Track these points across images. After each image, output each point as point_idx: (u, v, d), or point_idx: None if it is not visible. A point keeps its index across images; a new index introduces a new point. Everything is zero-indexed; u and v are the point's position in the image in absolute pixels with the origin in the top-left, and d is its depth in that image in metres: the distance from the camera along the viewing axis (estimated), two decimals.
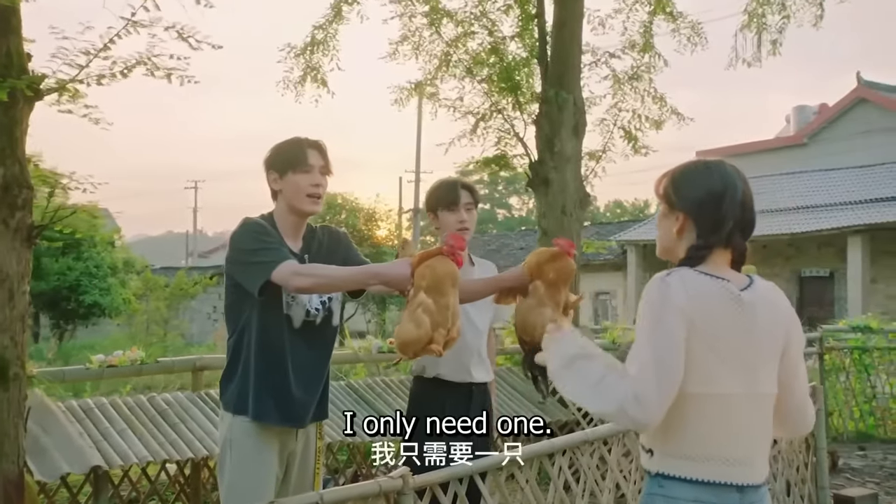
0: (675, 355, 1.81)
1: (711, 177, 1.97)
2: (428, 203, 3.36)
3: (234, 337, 2.69)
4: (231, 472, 2.64)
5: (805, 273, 21.55)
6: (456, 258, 2.44)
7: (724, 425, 1.88)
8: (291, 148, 2.74)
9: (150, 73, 4.50)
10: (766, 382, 1.93)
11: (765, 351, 1.92)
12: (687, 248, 1.96)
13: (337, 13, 7.46)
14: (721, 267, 1.95)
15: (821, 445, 4.91)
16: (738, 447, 1.90)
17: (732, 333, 1.87)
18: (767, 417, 1.96)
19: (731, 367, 1.87)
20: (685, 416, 1.86)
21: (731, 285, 1.91)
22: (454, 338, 2.47)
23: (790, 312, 2.00)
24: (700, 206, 1.95)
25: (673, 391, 1.82)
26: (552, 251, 2.78)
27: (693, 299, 1.84)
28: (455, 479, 2.96)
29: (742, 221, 1.95)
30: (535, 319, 2.76)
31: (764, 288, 1.97)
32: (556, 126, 6.40)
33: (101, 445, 4.19)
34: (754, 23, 7.82)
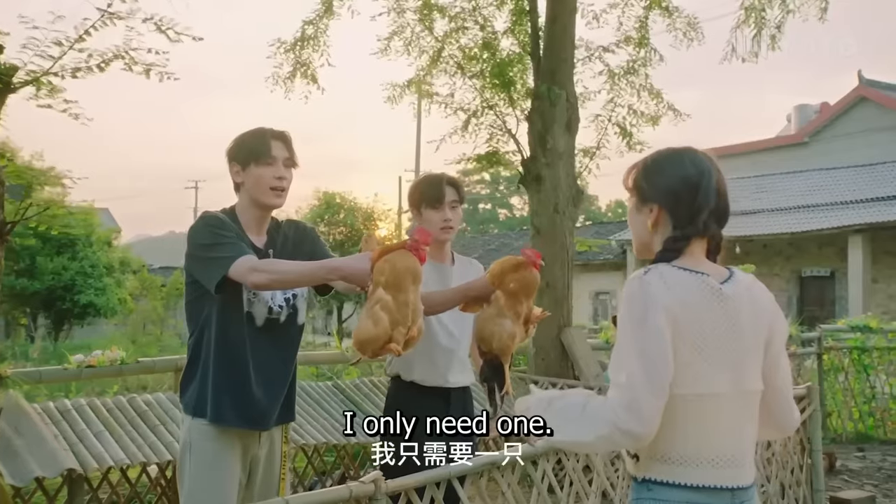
0: (664, 355, 1.72)
1: (684, 164, 1.88)
2: (411, 199, 3.23)
3: (194, 336, 2.59)
4: (191, 478, 2.53)
5: (806, 273, 21.43)
6: (419, 253, 2.33)
7: (712, 426, 1.80)
8: (254, 139, 2.63)
9: (129, 68, 4.41)
10: (752, 379, 1.85)
11: (748, 346, 1.83)
12: (663, 241, 1.87)
13: (328, 8, 7.35)
14: (699, 259, 1.87)
15: (816, 447, 4.80)
16: (728, 448, 1.81)
17: (716, 330, 1.79)
18: (754, 416, 1.88)
19: (717, 365, 1.79)
20: (672, 419, 1.76)
21: (710, 279, 1.82)
22: (415, 336, 2.36)
23: (772, 305, 1.92)
24: (675, 195, 1.86)
25: (665, 393, 1.72)
26: (516, 260, 2.70)
27: (675, 296, 1.76)
28: (431, 483, 2.85)
29: (717, 209, 1.87)
30: (493, 329, 2.68)
31: (744, 281, 1.89)
32: (549, 122, 6.28)
33: (76, 448, 4.08)
34: (752, 18, 7.70)
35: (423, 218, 3.15)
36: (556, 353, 6.26)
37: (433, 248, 3.19)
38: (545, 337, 6.28)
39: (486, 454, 3.06)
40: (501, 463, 3.08)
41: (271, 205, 2.67)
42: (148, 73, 4.33)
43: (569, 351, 6.22)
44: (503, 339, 2.69)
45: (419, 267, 2.36)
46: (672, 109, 7.81)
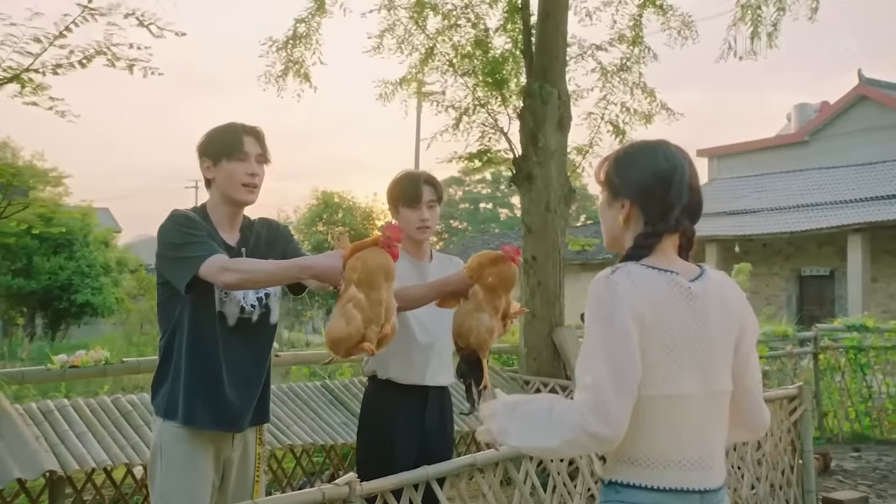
0: (631, 356, 1.68)
1: (657, 158, 1.83)
2: (389, 198, 3.19)
3: (166, 337, 2.54)
4: (162, 481, 2.49)
5: (805, 272, 21.38)
6: (392, 250, 2.30)
7: (680, 428, 1.75)
8: (226, 134, 2.58)
9: (111, 64, 4.38)
10: (721, 380, 1.80)
11: (718, 346, 1.79)
12: (634, 238, 1.82)
13: (319, 6, 7.31)
14: (670, 257, 1.83)
15: (807, 448, 4.76)
16: (696, 450, 1.77)
17: (685, 330, 1.74)
18: (723, 417, 1.84)
19: (686, 365, 1.74)
20: (639, 420, 1.72)
21: (680, 278, 1.78)
22: (388, 335, 2.33)
23: (742, 303, 1.87)
24: (646, 191, 1.81)
25: (633, 395, 1.68)
26: (494, 255, 2.67)
27: (643, 296, 1.72)
28: (409, 484, 2.81)
29: (689, 205, 1.83)
30: (470, 324, 2.66)
31: (715, 279, 1.84)
32: (540, 120, 6.23)
33: (57, 449, 4.04)
34: (748, 16, 7.65)
35: (401, 217, 3.12)
36: (548, 353, 6.21)
37: (411, 246, 3.15)
38: (537, 336, 6.24)
39: (467, 455, 3.03)
40: (482, 464, 3.05)
41: (243, 201, 2.63)
42: (131, 68, 4.29)
43: (560, 350, 6.17)
44: (481, 334, 2.66)
45: (392, 264, 2.33)
46: (665, 108, 7.77)
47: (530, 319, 6.26)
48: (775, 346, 8.54)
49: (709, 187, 25.67)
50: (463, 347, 2.71)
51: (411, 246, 3.16)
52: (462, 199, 51.93)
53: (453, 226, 51.97)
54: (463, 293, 2.72)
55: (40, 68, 4.03)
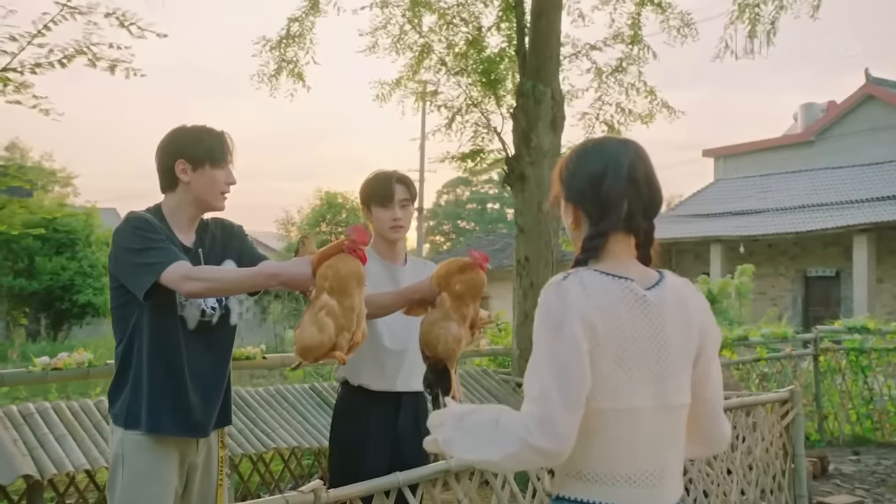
0: (580, 366, 1.60)
1: (588, 158, 1.78)
2: (361, 197, 3.14)
3: (123, 344, 2.48)
4: (123, 492, 2.42)
5: (811, 272, 21.24)
6: (358, 254, 2.26)
7: (632, 442, 1.67)
8: (212, 139, 2.55)
9: (92, 63, 4.34)
10: (678, 393, 1.71)
11: (674, 357, 1.69)
12: (583, 239, 1.75)
13: (313, 5, 7.24)
14: (624, 260, 1.75)
15: (799, 452, 4.69)
16: (646, 465, 1.68)
17: (638, 340, 1.66)
18: (680, 431, 1.74)
19: (638, 377, 1.66)
20: (588, 434, 1.65)
21: (635, 285, 1.69)
22: (358, 342, 2.31)
23: (704, 311, 1.77)
24: (581, 191, 1.77)
25: (581, 408, 1.61)
26: (462, 262, 2.62)
27: (594, 304, 1.64)
28: (379, 491, 2.75)
29: (639, 200, 1.74)
30: (437, 333, 2.61)
31: (674, 285, 1.75)
32: (533, 120, 6.16)
33: (35, 453, 4.00)
34: (746, 14, 7.57)
35: (373, 216, 3.07)
36: None
37: (384, 247, 3.10)
38: (529, 338, 6.13)
39: (441, 461, 2.97)
40: (457, 469, 2.98)
41: (218, 208, 2.62)
42: (113, 69, 4.25)
43: None
44: (448, 343, 2.60)
45: (362, 269, 2.30)
46: (666, 107, 7.68)
47: (523, 321, 6.19)
48: (775, 348, 8.46)
49: (714, 187, 25.57)
50: (430, 357, 2.66)
51: (384, 247, 3.10)
52: (469, 199, 51.85)
53: (461, 226, 51.91)
54: (430, 301, 2.67)
55: (18, 67, 3.98)
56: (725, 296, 13.81)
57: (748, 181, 24.58)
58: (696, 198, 25.55)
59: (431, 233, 52.00)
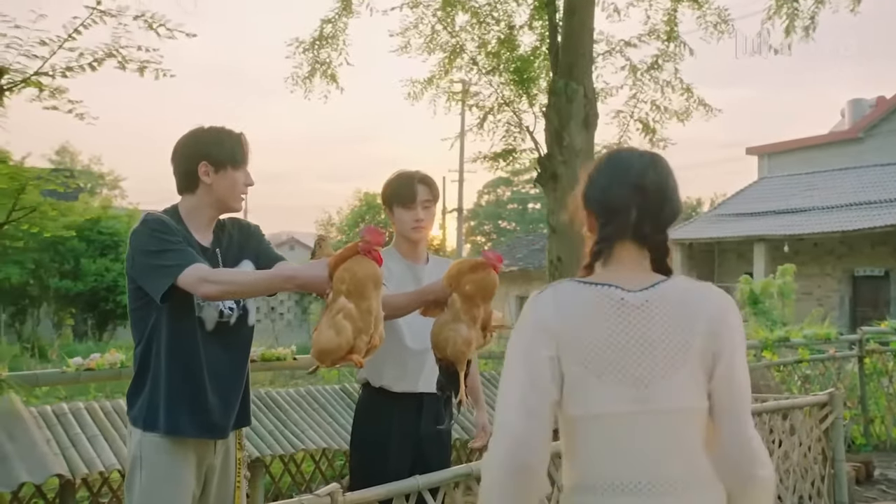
0: (541, 376, 1.63)
1: (601, 166, 1.81)
2: (383, 197, 3.12)
3: (142, 345, 2.48)
4: (141, 494, 2.42)
5: (858, 272, 20.76)
6: (374, 255, 2.24)
7: (622, 449, 1.64)
8: (232, 142, 2.55)
9: (122, 66, 4.38)
10: (669, 396, 1.64)
11: (662, 360, 1.64)
12: (591, 244, 1.77)
13: (346, 6, 7.27)
14: (623, 268, 1.72)
15: (839, 457, 4.56)
16: (646, 473, 1.63)
17: (611, 345, 1.64)
18: (683, 438, 1.66)
19: (612, 382, 1.63)
20: (573, 444, 1.67)
21: (613, 290, 1.67)
22: (376, 345, 2.29)
23: (718, 314, 1.69)
24: (590, 199, 1.79)
25: (547, 417, 1.63)
26: (474, 262, 2.58)
27: (562, 313, 1.66)
28: (399, 495, 2.72)
29: (647, 208, 1.71)
30: (446, 335, 2.57)
31: (676, 288, 1.70)
32: (566, 118, 6.10)
33: (67, 453, 4.04)
34: (784, 9, 7.42)
35: (395, 217, 3.04)
36: None
37: (407, 247, 3.08)
38: None
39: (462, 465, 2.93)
40: (479, 473, 2.94)
41: (237, 209, 2.63)
42: (142, 70, 4.29)
43: None
44: (458, 346, 2.57)
45: (379, 272, 2.29)
46: (703, 104, 7.57)
47: None
48: (818, 350, 8.26)
49: (757, 186, 25.14)
50: (441, 359, 2.63)
51: (406, 247, 3.08)
52: (510, 199, 51.68)
53: (501, 226, 51.77)
54: (445, 301, 2.63)
55: (50, 71, 4.04)
56: (768, 296, 13.54)
57: (793, 179, 24.13)
58: (739, 196, 25.14)
59: (472, 233, 51.95)
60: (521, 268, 24.96)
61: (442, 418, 2.98)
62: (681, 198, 1.77)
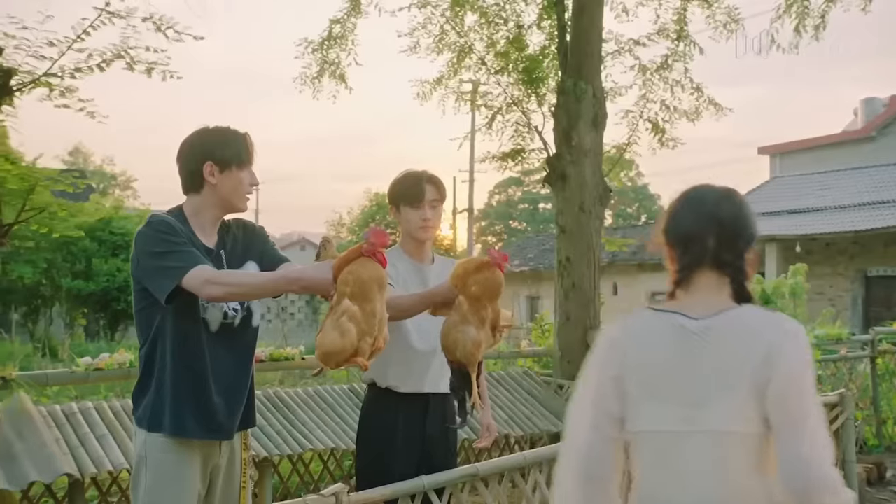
0: (606, 394, 1.82)
1: (679, 201, 1.92)
2: (390, 196, 3.12)
3: (147, 346, 2.48)
4: (146, 494, 2.43)
5: (871, 272, 20.60)
6: (378, 257, 2.24)
7: (664, 467, 1.77)
8: (237, 141, 2.55)
9: (130, 67, 4.40)
10: (717, 419, 1.72)
11: (714, 383, 1.74)
12: (672, 274, 1.88)
13: (354, 6, 7.27)
14: (699, 295, 1.83)
15: (849, 458, 4.52)
16: (684, 492, 1.73)
17: (666, 366, 1.78)
18: (728, 459, 1.72)
19: (664, 402, 1.77)
20: (633, 460, 1.82)
21: (677, 317, 1.80)
22: (380, 348, 2.29)
23: (780, 341, 1.73)
24: (668, 231, 1.91)
25: (610, 432, 1.81)
26: (479, 261, 2.58)
27: (629, 336, 1.85)
28: (405, 496, 2.72)
29: (724, 236, 1.82)
30: (455, 338, 2.58)
31: (741, 316, 1.79)
32: (574, 118, 6.08)
33: (76, 452, 4.06)
34: (794, 7, 7.38)
35: (402, 216, 3.04)
36: (583, 356, 5.93)
37: (413, 246, 3.08)
38: (572, 339, 6.09)
39: (468, 466, 2.93)
40: (484, 473, 2.94)
41: (242, 209, 2.63)
42: (150, 72, 4.30)
43: None
44: (467, 348, 2.57)
45: (383, 274, 2.29)
46: (713, 104, 7.53)
47: (565, 322, 6.12)
48: (830, 350, 8.21)
49: (769, 185, 25.02)
50: (451, 360, 2.64)
51: (413, 246, 3.08)
52: (521, 199, 51.58)
53: (512, 226, 51.66)
54: (453, 302, 2.63)
55: (59, 72, 4.05)
56: (780, 296, 13.44)
57: (805, 178, 23.99)
58: (751, 196, 24.94)
59: (483, 233, 51.89)
60: (531, 268, 24.91)
61: (453, 418, 2.99)
62: (757, 226, 1.89)
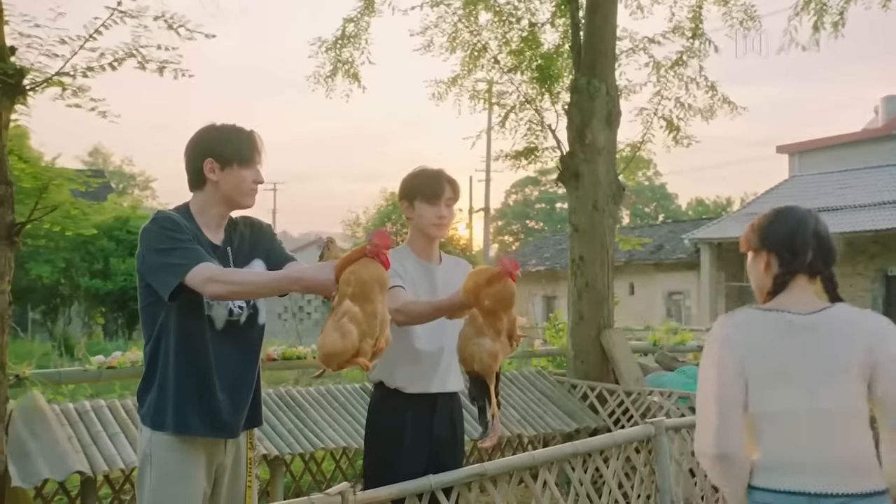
0: (730, 381, 2.15)
1: (785, 217, 2.29)
2: (404, 191, 3.08)
3: (151, 343, 2.49)
4: (151, 492, 2.42)
5: (891, 272, 20.39)
6: (381, 259, 2.23)
7: (785, 438, 2.14)
8: (240, 139, 2.55)
9: (142, 66, 4.40)
10: (835, 399, 2.13)
11: (823, 369, 2.13)
12: (773, 278, 2.24)
13: (368, 5, 7.26)
14: (798, 296, 2.22)
15: None
16: (805, 457, 2.12)
17: (785, 358, 2.15)
18: (838, 431, 2.13)
19: (787, 387, 2.14)
20: (755, 435, 2.17)
21: (785, 315, 2.18)
22: (382, 348, 2.28)
23: (876, 333, 2.17)
24: (779, 242, 2.25)
25: (736, 417, 2.14)
26: (491, 273, 2.58)
27: (745, 336, 2.18)
28: (412, 495, 2.71)
29: (820, 250, 2.23)
30: (472, 350, 2.64)
31: (840, 312, 2.20)
32: (588, 116, 6.05)
33: (89, 450, 4.09)
34: (812, 5, 7.30)
35: (416, 212, 3.02)
36: (596, 356, 6.02)
37: (423, 244, 3.07)
38: (585, 339, 6.06)
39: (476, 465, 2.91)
40: (493, 473, 2.92)
41: (247, 206, 2.61)
42: (162, 70, 4.30)
43: (608, 354, 5.97)
44: (484, 360, 2.60)
45: (385, 274, 2.28)
46: (728, 102, 7.47)
47: (578, 321, 6.08)
48: None
49: (788, 184, 24.81)
50: (468, 372, 2.66)
51: (422, 243, 3.06)
52: (538, 199, 51.47)
53: (529, 226, 51.56)
54: (467, 308, 2.66)
55: (71, 71, 4.06)
56: None
57: (825, 177, 23.76)
58: (769, 195, 24.78)
59: (500, 233, 51.82)
60: (547, 267, 24.84)
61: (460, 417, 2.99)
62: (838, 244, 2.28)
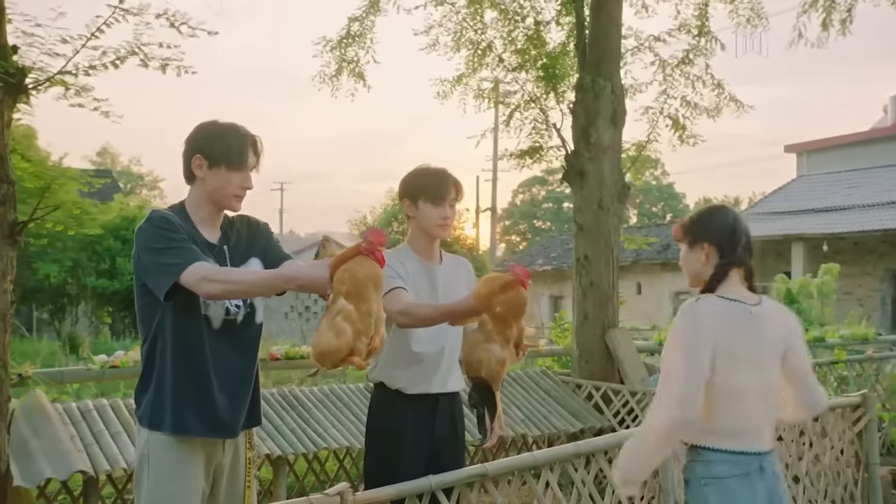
0: (703, 365, 2.38)
1: (721, 213, 2.59)
2: (407, 189, 3.03)
3: (148, 343, 2.47)
4: (149, 492, 2.41)
5: None
6: (376, 256, 2.21)
7: (741, 408, 2.46)
8: (234, 140, 2.51)
9: (144, 64, 4.39)
10: (772, 377, 2.52)
11: (769, 353, 2.51)
12: (714, 267, 2.52)
13: (373, 4, 7.24)
14: (736, 286, 2.53)
15: (873, 460, 4.45)
16: (752, 423, 2.48)
17: (745, 342, 2.46)
18: (773, 402, 2.54)
19: (745, 367, 2.45)
20: (714, 403, 2.42)
21: (745, 305, 2.49)
22: (377, 347, 2.27)
23: (791, 321, 2.62)
24: (720, 235, 2.53)
25: (701, 391, 2.37)
26: (504, 280, 2.57)
27: (717, 321, 2.44)
28: (412, 495, 2.69)
29: (748, 245, 2.56)
30: (480, 356, 2.64)
31: (770, 305, 2.58)
32: (593, 115, 6.02)
33: (91, 449, 4.08)
34: (820, 2, 7.25)
35: (420, 211, 2.98)
36: (601, 356, 5.99)
37: (424, 243, 3.04)
38: (589, 339, 6.03)
39: (477, 465, 2.89)
40: (493, 473, 2.90)
41: (231, 208, 2.59)
42: (164, 68, 4.29)
43: (613, 353, 5.94)
44: (492, 367, 2.61)
45: (380, 273, 2.26)
46: (734, 101, 7.42)
47: (583, 321, 6.06)
48: (857, 350, 8.08)
49: (796, 184, 24.72)
50: (473, 378, 2.65)
51: (423, 242, 3.04)
52: (545, 198, 51.39)
53: (536, 225, 51.48)
54: (473, 315, 2.64)
55: (73, 70, 4.05)
56: (807, 296, 13.24)
57: (833, 177, 23.66)
58: (777, 194, 24.70)
59: (507, 233, 51.76)
60: (554, 267, 24.79)
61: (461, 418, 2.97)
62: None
